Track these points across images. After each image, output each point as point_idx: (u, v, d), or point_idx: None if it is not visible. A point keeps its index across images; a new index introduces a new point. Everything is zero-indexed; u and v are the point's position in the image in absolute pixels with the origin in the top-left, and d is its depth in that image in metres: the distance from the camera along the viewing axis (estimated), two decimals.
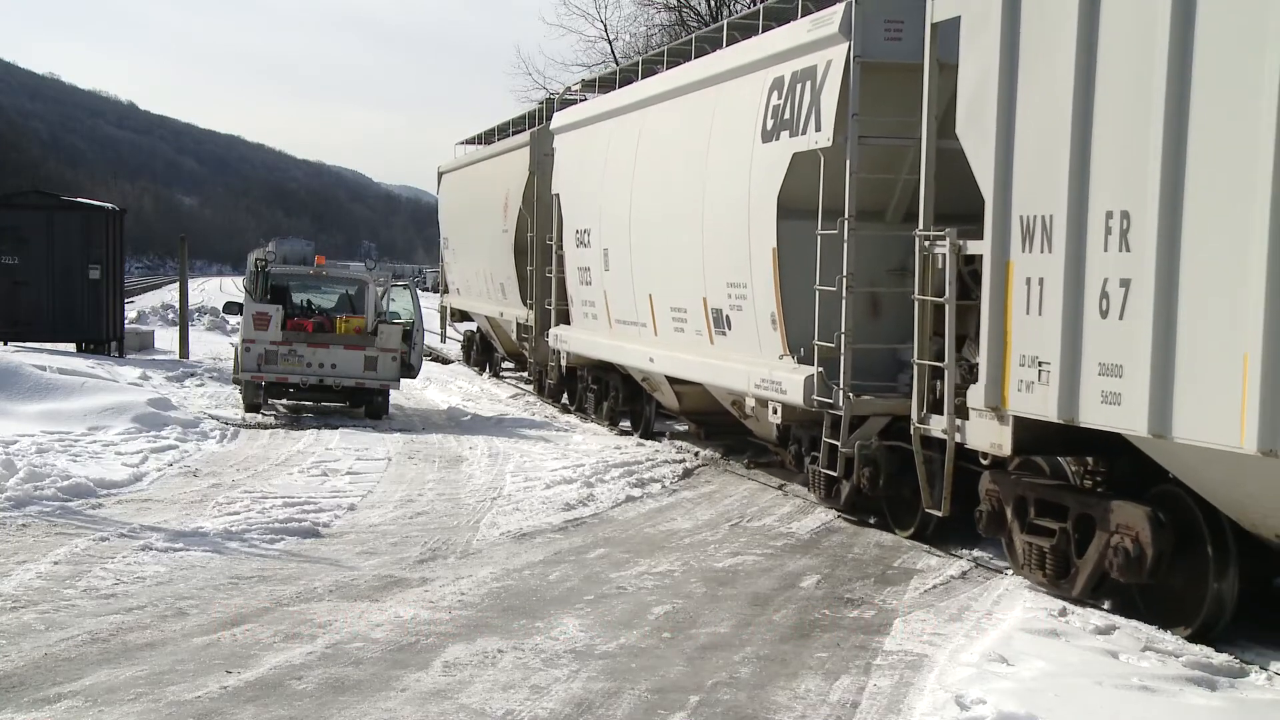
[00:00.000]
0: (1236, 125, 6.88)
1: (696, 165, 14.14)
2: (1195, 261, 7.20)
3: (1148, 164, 7.47)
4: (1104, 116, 7.96)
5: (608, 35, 41.37)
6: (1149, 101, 7.43)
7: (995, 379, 9.06)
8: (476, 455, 15.53)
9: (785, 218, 12.10)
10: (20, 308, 25.94)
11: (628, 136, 16.50)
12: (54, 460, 13.33)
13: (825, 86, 11.54)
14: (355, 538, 10.65)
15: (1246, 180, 6.77)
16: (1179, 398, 7.31)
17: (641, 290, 16.00)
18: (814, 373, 11.58)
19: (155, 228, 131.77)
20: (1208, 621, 7.98)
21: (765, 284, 12.46)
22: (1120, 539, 8.29)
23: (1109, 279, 7.87)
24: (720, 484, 14.00)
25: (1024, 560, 9.31)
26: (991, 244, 9.07)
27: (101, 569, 9.11)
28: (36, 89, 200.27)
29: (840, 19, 11.32)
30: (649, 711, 6.49)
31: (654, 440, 17.25)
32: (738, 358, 13.29)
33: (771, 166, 12.34)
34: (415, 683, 6.80)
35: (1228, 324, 6.93)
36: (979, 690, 6.67)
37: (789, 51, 12.32)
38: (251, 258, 20.09)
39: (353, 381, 18.78)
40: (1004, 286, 8.95)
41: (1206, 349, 7.11)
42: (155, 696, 6.46)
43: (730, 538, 11.09)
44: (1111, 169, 7.90)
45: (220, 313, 37.37)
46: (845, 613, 8.59)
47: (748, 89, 13.08)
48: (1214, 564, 7.93)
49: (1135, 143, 7.60)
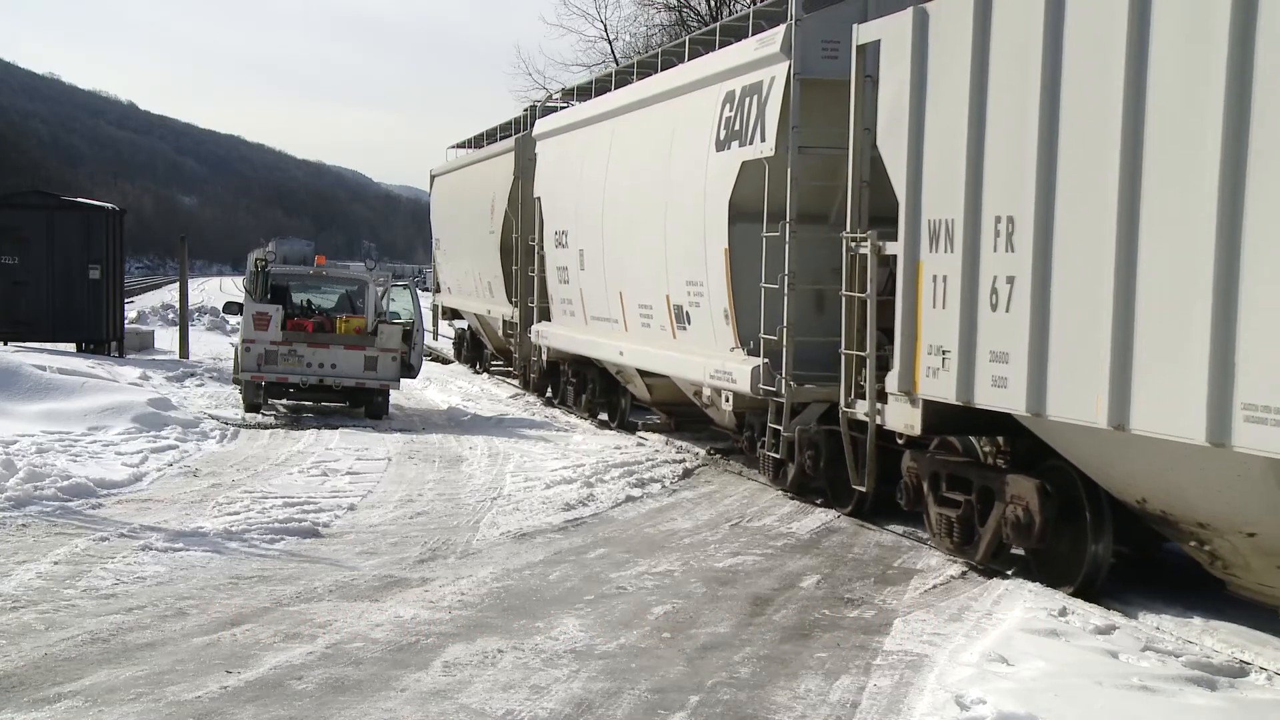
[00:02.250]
0: (1092, 145, 7.99)
1: (660, 172, 15.16)
2: (1063, 262, 8.32)
3: (1026, 175, 8.57)
4: (993, 133, 9.07)
5: (608, 35, 41.42)
6: (1026, 121, 8.58)
7: (907, 366, 10.13)
8: (476, 455, 15.53)
9: (736, 221, 13.17)
10: (20, 308, 25.93)
11: (601, 143, 17.54)
12: (54, 460, 13.33)
13: (769, 100, 12.58)
14: (355, 538, 10.65)
15: (1101, 192, 7.84)
16: (1051, 381, 8.43)
17: (613, 288, 16.96)
18: (760, 364, 12.67)
19: (155, 228, 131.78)
20: (1087, 579, 9.01)
21: (719, 282, 13.52)
22: (1014, 508, 9.37)
23: (997, 276, 8.98)
24: (720, 484, 14.00)
25: (937, 530, 10.41)
26: (904, 245, 10.13)
27: (101, 569, 9.11)
28: (36, 89, 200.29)
29: (782, 39, 12.38)
30: (649, 711, 6.49)
31: (628, 430, 18.28)
32: (696, 351, 14.33)
33: (723, 174, 13.39)
34: (415, 683, 6.80)
35: (1088, 316, 7.98)
36: (979, 690, 6.67)
37: (739, 68, 13.37)
38: (251, 258, 20.09)
39: (353, 381, 18.79)
40: (915, 283, 10.01)
41: (1071, 338, 8.22)
42: (155, 696, 6.46)
43: (730, 538, 11.09)
44: (999, 179, 8.99)
45: (220, 313, 37.39)
46: (845, 613, 8.59)
47: (704, 102, 14.14)
48: (1092, 529, 8.98)
49: (1017, 156, 8.71)
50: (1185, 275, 7.21)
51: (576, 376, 20.48)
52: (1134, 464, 8.24)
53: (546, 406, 21.64)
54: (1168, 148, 7.42)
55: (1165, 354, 7.42)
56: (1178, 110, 7.33)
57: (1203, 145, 7.07)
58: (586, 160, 18.10)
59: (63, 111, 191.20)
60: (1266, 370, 6.76)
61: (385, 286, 20.45)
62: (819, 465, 12.44)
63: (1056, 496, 9.17)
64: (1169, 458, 7.74)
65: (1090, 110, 8.03)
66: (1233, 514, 7.77)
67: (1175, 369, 7.31)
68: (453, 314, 30.95)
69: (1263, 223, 6.75)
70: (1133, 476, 8.41)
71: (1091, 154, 8.00)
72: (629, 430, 18.44)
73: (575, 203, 18.47)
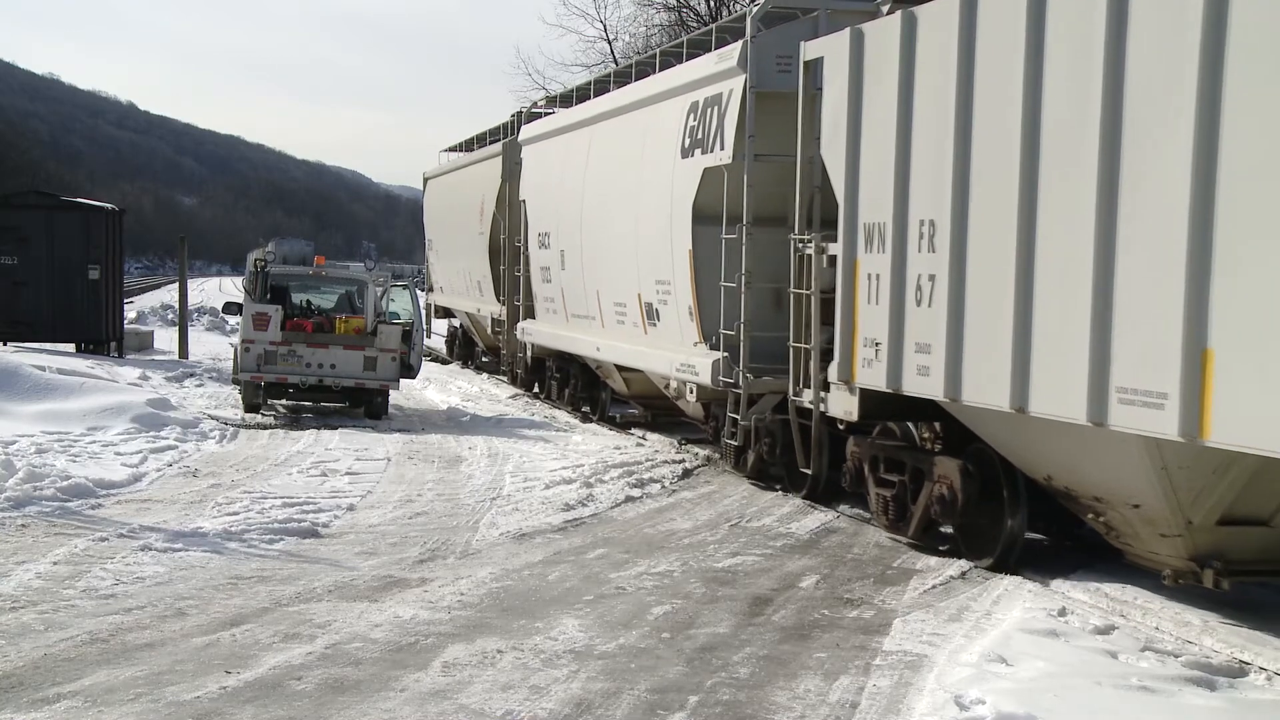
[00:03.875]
0: (999, 159, 8.86)
1: (633, 177, 16.09)
2: (975, 262, 9.24)
3: (945, 184, 9.47)
4: (918, 144, 9.99)
5: (607, 35, 41.42)
6: (945, 136, 9.47)
7: (846, 357, 11.06)
8: (476, 455, 15.53)
9: (699, 223, 14.08)
10: (20, 308, 25.91)
11: (580, 149, 18.49)
12: (53, 460, 13.33)
13: (728, 111, 13.46)
14: (355, 538, 10.65)
15: (1005, 201, 8.75)
16: (966, 369, 9.33)
17: (591, 287, 17.89)
18: (720, 357, 13.58)
19: (155, 228, 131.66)
20: (1004, 552, 9.85)
21: (684, 281, 14.44)
22: (940, 487, 10.23)
23: (921, 274, 9.87)
24: (720, 484, 14.00)
25: (876, 509, 11.34)
26: (843, 246, 11.05)
27: (101, 569, 9.11)
28: (36, 89, 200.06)
29: (739, 54, 13.29)
30: (648, 711, 6.49)
31: (609, 423, 19.17)
32: (665, 346, 15.25)
33: (688, 180, 14.31)
34: (415, 683, 6.80)
35: (994, 310, 8.89)
36: (978, 690, 6.67)
37: (701, 80, 14.30)
38: (251, 258, 20.06)
39: (352, 382, 18.78)
40: (852, 281, 10.93)
41: (982, 330, 9.12)
42: (155, 697, 6.46)
43: (730, 538, 11.09)
44: (923, 186, 9.88)
45: (220, 313, 37.35)
46: (845, 613, 8.59)
47: (671, 111, 15.09)
48: (1008, 505, 9.82)
49: (937, 166, 9.59)
50: (1071, 275, 8.12)
51: (560, 372, 21.32)
52: (1038, 444, 9.17)
53: (532, 400, 22.41)
54: (1058, 165, 8.31)
55: (1056, 343, 8.33)
56: (1065, 134, 8.26)
57: (1085, 164, 7.96)
58: (567, 165, 18.96)
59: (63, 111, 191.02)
60: (1135, 357, 7.65)
61: (385, 287, 20.44)
62: (775, 452, 13.19)
63: (978, 476, 10.01)
64: (1064, 437, 8.63)
65: (997, 130, 8.93)
66: (1119, 488, 8.65)
67: (1064, 357, 8.21)
68: (445, 313, 31.81)
69: (1132, 230, 7.68)
70: (1038, 456, 9.34)
71: (998, 167, 8.89)
72: (609, 422, 19.25)
73: (557, 205, 19.37)
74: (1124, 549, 9.16)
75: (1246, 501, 8.17)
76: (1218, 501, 8.18)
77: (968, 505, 10.03)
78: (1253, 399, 6.90)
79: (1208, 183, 7.07)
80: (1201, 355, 7.18)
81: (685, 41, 16.28)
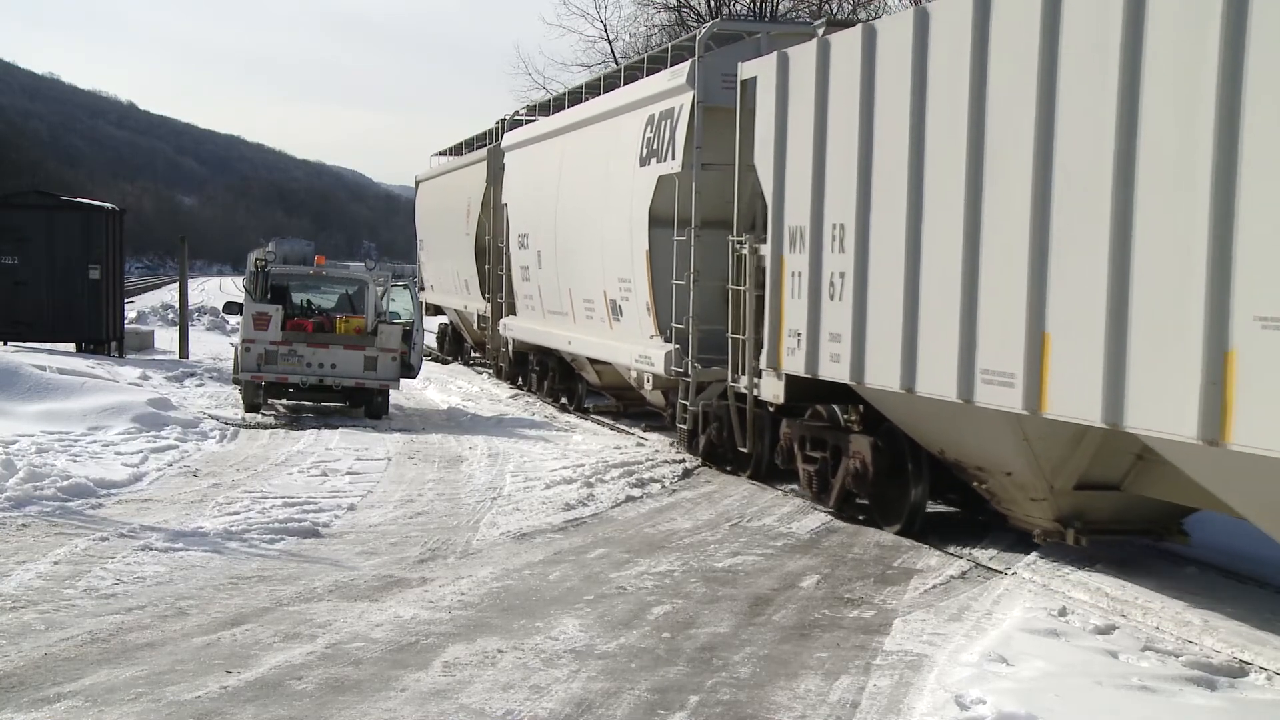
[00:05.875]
0: (893, 172, 10.15)
1: (599, 183, 17.48)
2: (875, 261, 10.47)
3: (852, 191, 10.72)
4: (831, 156, 11.20)
5: (607, 35, 41.48)
6: (852, 149, 10.71)
7: (774, 346, 12.29)
8: (476, 455, 15.54)
9: (655, 227, 15.41)
10: (20, 308, 25.91)
11: (554, 157, 19.91)
12: (54, 460, 13.33)
13: (678, 124, 14.85)
14: (355, 538, 10.65)
15: (896, 208, 10.04)
16: (868, 355, 10.58)
17: (564, 285, 19.22)
18: (672, 349, 14.96)
19: (155, 228, 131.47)
20: (909, 519, 11.11)
21: (641, 279, 15.81)
22: (854, 462, 11.55)
23: (834, 272, 11.11)
24: (720, 484, 14.01)
25: (804, 483, 12.59)
26: (772, 247, 12.26)
27: (101, 569, 9.11)
28: (36, 89, 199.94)
29: (688, 72, 14.66)
30: (649, 711, 6.49)
31: (584, 413, 20.37)
32: (627, 339, 16.56)
33: (645, 187, 15.64)
34: (415, 683, 6.80)
35: (889, 303, 10.12)
36: (979, 690, 6.67)
37: (657, 95, 15.69)
38: (251, 258, 20.07)
39: (353, 381, 18.79)
40: (780, 278, 12.12)
41: (880, 320, 10.34)
42: (155, 696, 6.46)
43: (730, 538, 11.09)
44: (835, 193, 11.11)
45: (220, 313, 37.36)
46: (845, 613, 8.59)
47: (631, 124, 16.48)
48: (912, 478, 11.05)
49: (846, 176, 10.84)
50: (947, 273, 9.37)
51: (539, 365, 22.61)
52: (930, 422, 10.45)
53: (512, 389, 23.77)
54: (938, 180, 9.58)
55: (936, 332, 9.57)
56: (943, 155, 9.50)
57: (956, 179, 9.24)
58: (543, 171, 20.39)
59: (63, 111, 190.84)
60: (994, 342, 8.85)
61: (385, 286, 20.45)
62: (723, 435, 14.44)
63: (887, 452, 11.21)
64: (949, 415, 9.85)
65: (893, 147, 10.17)
66: (995, 458, 9.90)
67: (942, 343, 9.44)
68: (436, 310, 32.71)
69: (991, 235, 8.96)
70: (931, 432, 10.63)
71: (893, 179, 10.14)
72: (584, 413, 20.46)
73: (535, 209, 20.78)
74: (1006, 513, 10.44)
75: (1099, 468, 9.33)
76: (1074, 468, 9.35)
77: (878, 478, 11.29)
78: (1077, 376, 8.07)
79: (1044, 200, 8.41)
80: (1041, 338, 8.44)
81: (646, 59, 17.74)
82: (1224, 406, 6.99)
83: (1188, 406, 7.14)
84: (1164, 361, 7.40)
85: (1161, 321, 7.44)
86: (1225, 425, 7.01)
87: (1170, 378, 7.33)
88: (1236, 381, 6.93)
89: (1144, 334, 7.58)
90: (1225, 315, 6.97)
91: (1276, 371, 6.70)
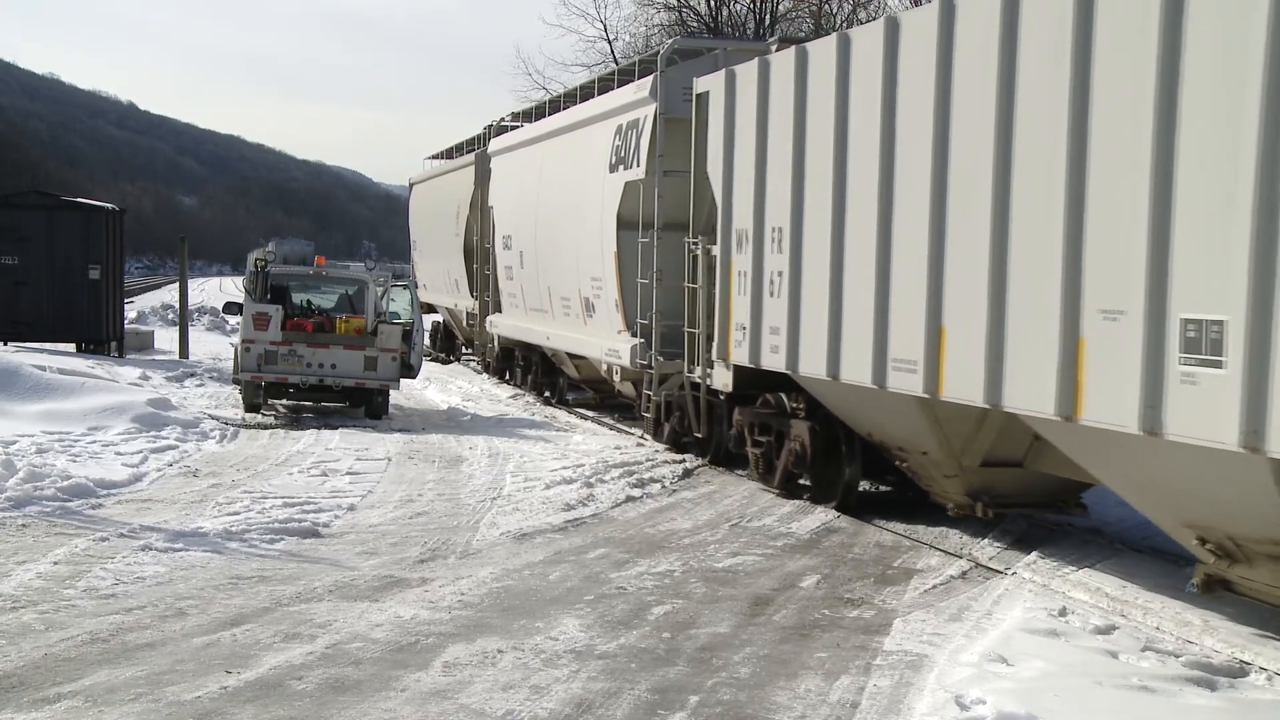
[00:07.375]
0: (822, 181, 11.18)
1: (575, 188, 18.68)
2: (808, 260, 11.50)
3: (788, 197, 11.72)
4: (771, 164, 12.20)
5: (607, 35, 41.48)
6: (789, 158, 11.74)
7: (723, 339, 13.43)
8: (476, 455, 15.53)
9: (622, 229, 16.58)
10: (20, 308, 25.92)
11: (535, 163, 21.20)
12: (54, 460, 13.33)
13: (643, 134, 16.06)
14: (355, 538, 10.65)
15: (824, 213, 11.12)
16: (802, 347, 11.61)
17: (543, 283, 20.42)
18: (637, 343, 16.04)
19: (155, 228, 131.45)
20: (844, 497, 12.21)
21: (611, 278, 16.90)
22: (794, 444, 12.56)
23: (774, 271, 12.15)
24: (720, 484, 14.01)
25: (752, 465, 13.60)
26: (721, 248, 13.39)
27: (101, 569, 9.10)
28: (36, 89, 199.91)
29: (651, 85, 15.93)
30: (649, 711, 6.49)
31: (565, 405, 21.58)
32: (599, 334, 17.61)
33: (613, 192, 16.85)
34: (415, 683, 6.80)
35: (819, 299, 11.20)
36: (979, 690, 6.67)
37: (624, 106, 16.89)
38: (251, 258, 20.06)
39: (353, 381, 18.78)
40: (728, 277, 13.19)
41: (812, 315, 11.39)
42: (155, 696, 6.46)
43: (730, 538, 11.09)
44: (775, 199, 12.12)
45: (220, 313, 37.36)
46: (845, 613, 8.59)
47: (603, 132, 17.67)
48: (846, 459, 12.13)
49: (784, 183, 11.82)
50: (865, 272, 10.44)
51: (524, 360, 23.77)
52: (856, 406, 11.44)
53: (499, 384, 24.92)
54: (859, 186, 10.62)
55: (856, 324, 10.61)
56: (863, 167, 10.56)
57: (872, 186, 10.31)
58: (525, 176, 21.64)
59: (63, 111, 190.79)
60: (903, 333, 9.92)
61: (385, 286, 20.44)
62: (684, 423, 15.50)
63: (823, 435, 12.21)
64: (871, 400, 10.80)
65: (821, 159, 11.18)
66: (912, 439, 10.85)
67: (861, 335, 10.47)
68: (428, 308, 33.51)
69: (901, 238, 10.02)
70: (859, 416, 11.63)
71: (821, 187, 11.16)
72: (565, 405, 21.71)
73: (518, 211, 22.04)
74: (927, 490, 11.42)
75: (1002, 447, 10.30)
76: (980, 447, 10.36)
77: (816, 459, 12.31)
78: (967, 363, 9.06)
79: (940, 207, 9.48)
80: (939, 330, 9.52)
81: (616, 71, 18.95)
82: (1076, 386, 8.05)
83: (1048, 388, 8.22)
84: (1032, 349, 8.45)
85: (1030, 313, 8.48)
86: (1078, 403, 8.05)
87: (1036, 363, 8.37)
88: (1087, 365, 7.97)
89: (1017, 325, 8.65)
90: (1078, 308, 8.04)
91: (1116, 356, 7.66)
